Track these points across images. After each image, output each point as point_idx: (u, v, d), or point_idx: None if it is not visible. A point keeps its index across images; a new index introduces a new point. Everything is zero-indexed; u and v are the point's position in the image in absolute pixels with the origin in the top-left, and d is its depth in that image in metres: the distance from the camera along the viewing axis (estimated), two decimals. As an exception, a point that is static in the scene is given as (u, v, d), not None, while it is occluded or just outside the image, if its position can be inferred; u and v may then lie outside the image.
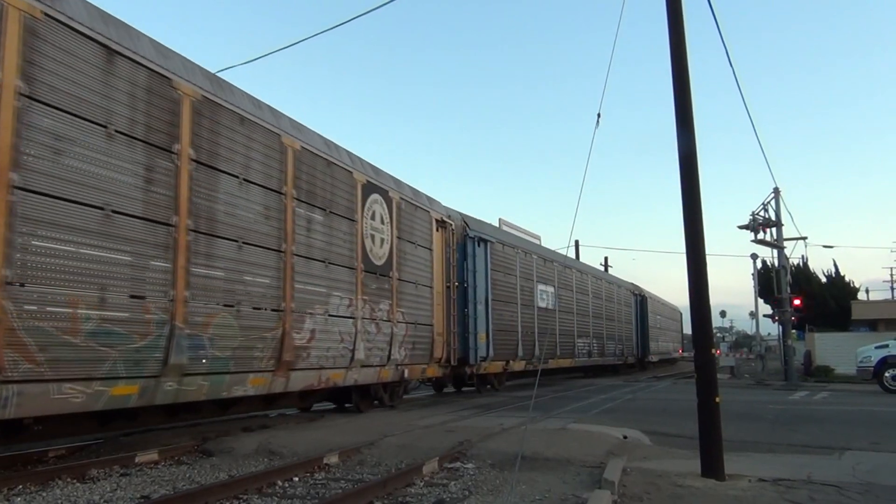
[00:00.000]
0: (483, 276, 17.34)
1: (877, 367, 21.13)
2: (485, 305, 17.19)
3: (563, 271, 24.48)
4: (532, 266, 21.31)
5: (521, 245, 20.81)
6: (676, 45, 7.64)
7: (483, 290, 17.26)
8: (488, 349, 17.19)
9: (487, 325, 17.23)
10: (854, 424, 12.34)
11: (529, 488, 6.42)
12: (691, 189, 7.42)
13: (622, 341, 32.10)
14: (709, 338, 7.42)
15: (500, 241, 18.97)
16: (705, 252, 7.41)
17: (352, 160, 12.06)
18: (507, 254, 19.35)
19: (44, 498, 6.11)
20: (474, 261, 16.94)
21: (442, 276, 15.49)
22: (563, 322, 23.78)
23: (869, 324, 33.92)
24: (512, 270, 19.57)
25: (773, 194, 26.52)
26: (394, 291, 13.01)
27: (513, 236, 20.80)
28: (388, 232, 12.97)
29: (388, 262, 12.88)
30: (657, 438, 10.05)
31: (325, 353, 10.63)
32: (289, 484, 6.78)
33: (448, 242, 15.88)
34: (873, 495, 6.16)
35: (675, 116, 7.55)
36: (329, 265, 10.88)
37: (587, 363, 26.92)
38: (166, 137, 7.74)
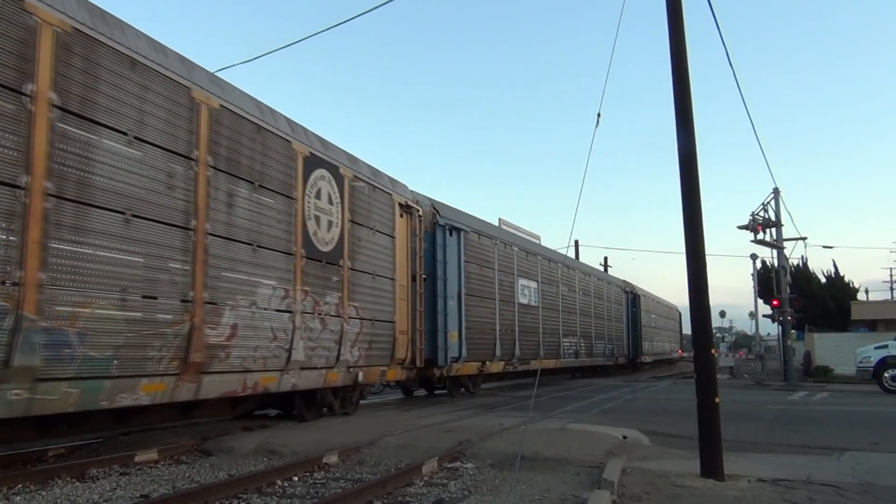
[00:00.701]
0: (455, 269, 15.99)
1: (876, 367, 21.14)
2: (457, 301, 15.91)
3: (548, 266, 23.07)
4: (512, 259, 19.96)
5: (501, 236, 19.37)
6: (676, 46, 7.64)
7: (455, 283, 15.91)
8: (461, 349, 15.86)
9: (460, 322, 15.93)
10: (853, 425, 12.34)
11: (529, 488, 6.42)
12: (691, 189, 7.42)
13: (612, 341, 30.62)
14: (708, 338, 7.42)
15: (475, 230, 17.56)
16: (705, 252, 7.42)
17: (292, 128, 10.42)
18: (483, 245, 17.98)
19: (43, 497, 6.11)
20: (445, 251, 15.47)
21: (407, 268, 13.93)
22: (547, 320, 22.36)
23: (868, 324, 33.92)
24: (489, 263, 18.26)
25: (773, 194, 26.52)
26: (345, 282, 11.36)
27: (490, 226, 19.28)
28: (337, 214, 11.30)
29: (337, 248, 11.23)
30: (657, 438, 10.05)
31: (251, 354, 9.02)
32: (288, 483, 6.79)
33: (414, 230, 14.24)
34: (873, 496, 6.17)
35: (675, 116, 7.55)
36: (258, 249, 9.25)
37: (574, 364, 25.45)
38: (15, 73, 6.23)
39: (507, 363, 18.88)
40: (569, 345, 24.44)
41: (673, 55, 7.64)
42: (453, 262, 15.88)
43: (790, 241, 27.74)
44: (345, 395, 12.10)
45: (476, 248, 17.45)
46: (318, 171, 10.91)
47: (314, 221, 10.71)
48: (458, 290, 15.97)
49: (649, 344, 37.47)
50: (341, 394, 11.96)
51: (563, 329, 23.87)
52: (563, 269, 24.63)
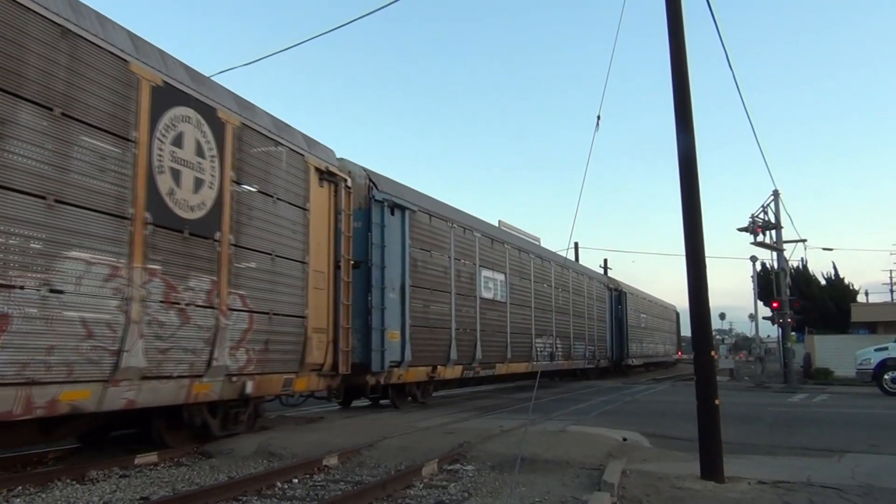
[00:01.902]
0: (398, 255, 13.40)
1: (876, 369, 21.14)
2: (399, 293, 13.36)
3: (518, 256, 20.34)
4: (474, 246, 17.13)
5: (458, 218, 16.59)
6: (676, 49, 7.66)
7: (398, 272, 13.35)
8: (403, 351, 13.26)
9: (403, 319, 13.34)
10: (853, 427, 12.34)
11: (529, 490, 6.42)
12: (691, 192, 7.43)
13: (594, 342, 27.73)
14: (708, 340, 7.44)
15: (425, 209, 14.84)
16: (705, 254, 7.43)
17: (135, 45, 7.71)
18: (436, 228, 15.25)
19: (43, 499, 6.11)
20: (383, 233, 12.90)
21: (328, 251, 11.22)
22: (517, 318, 19.62)
23: (868, 326, 33.94)
24: (443, 249, 15.47)
25: (773, 197, 26.54)
26: (223, 263, 8.66)
27: (446, 206, 16.40)
28: (213, 172, 8.60)
29: (211, 216, 8.49)
30: (656, 440, 10.05)
31: (42, 358, 6.32)
32: (288, 485, 6.79)
33: (340, 205, 11.50)
34: (873, 498, 6.17)
35: (675, 119, 7.57)
36: (55, 205, 6.52)
37: (549, 367, 22.42)
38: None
39: (467, 367, 16.29)
40: (543, 346, 21.76)
41: (673, 58, 7.66)
42: (395, 246, 13.29)
43: (790, 243, 27.78)
44: (228, 413, 9.26)
45: (426, 232, 14.75)
46: (178, 109, 8.15)
47: (170, 176, 7.95)
48: (402, 280, 13.44)
49: (638, 345, 34.79)
50: (223, 410, 9.16)
51: (535, 328, 21.07)
52: (536, 261, 21.80)
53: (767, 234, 26.51)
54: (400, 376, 13.47)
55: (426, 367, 14.50)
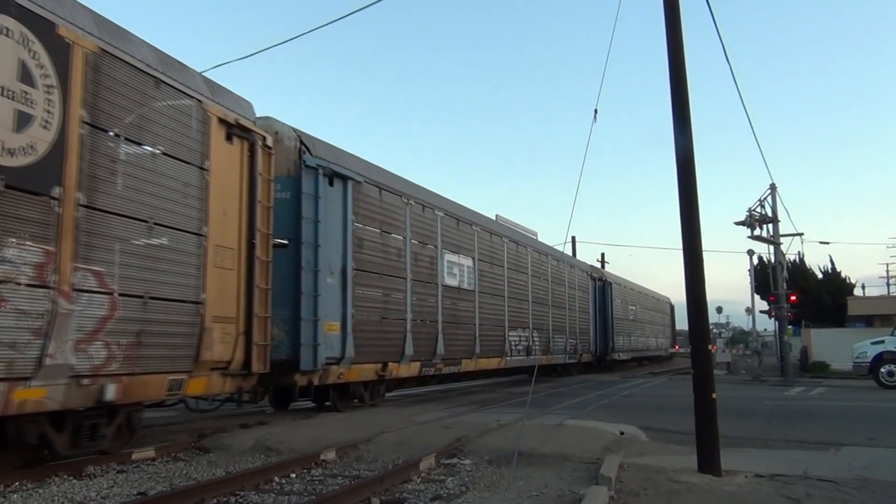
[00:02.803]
0: (338, 233, 11.56)
1: (873, 362, 21.20)
2: (340, 278, 11.51)
3: (489, 239, 18.28)
4: (435, 226, 15.11)
5: (416, 194, 14.62)
6: (674, 45, 7.64)
7: (337, 253, 11.49)
8: (344, 346, 11.40)
9: (344, 308, 11.49)
10: (850, 420, 12.38)
11: (527, 484, 6.43)
12: (688, 188, 7.43)
13: (575, 335, 25.63)
14: (705, 334, 7.45)
15: (373, 181, 12.86)
16: (702, 248, 7.44)
17: None
18: (388, 203, 13.30)
19: (41, 495, 6.10)
20: (317, 205, 10.97)
21: (239, 223, 9.18)
22: (487, 308, 17.64)
23: (865, 319, 34.04)
24: (397, 229, 13.52)
25: (770, 190, 26.59)
26: (66, 229, 6.64)
27: (400, 180, 14.36)
28: (50, 106, 6.57)
29: (45, 165, 6.47)
30: (654, 434, 10.07)
31: None
32: (286, 480, 6.79)
33: (258, 168, 9.51)
34: (869, 490, 6.19)
35: (673, 116, 7.56)
36: None
37: (525, 363, 20.36)
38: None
39: (426, 364, 14.33)
40: (518, 339, 19.74)
41: (670, 56, 7.64)
42: (334, 222, 11.43)
43: (787, 236, 27.87)
44: (81, 425, 7.14)
45: (375, 207, 12.83)
46: None
47: None
48: (343, 263, 11.56)
49: (625, 339, 32.83)
50: (73, 422, 7.07)
51: (510, 320, 19.08)
52: (510, 246, 19.77)
53: (764, 227, 26.58)
54: (340, 375, 11.53)
55: (374, 365, 12.56)
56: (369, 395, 13.07)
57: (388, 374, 13.05)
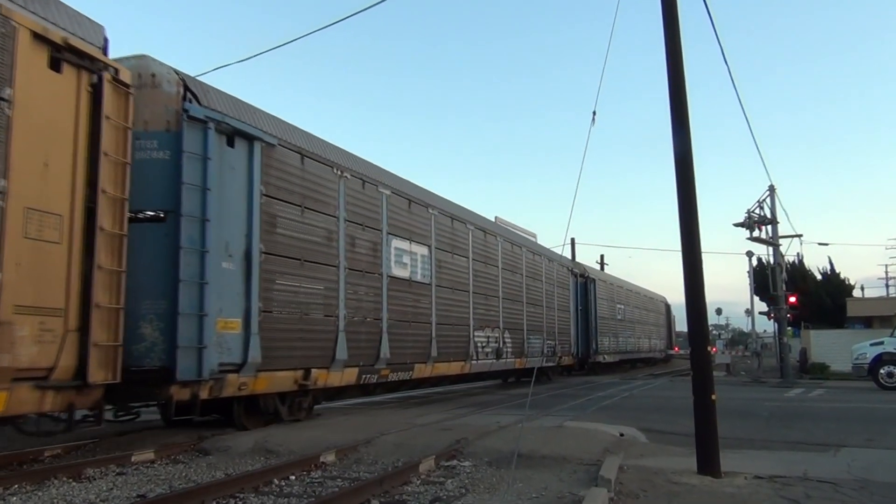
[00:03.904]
0: (240, 207, 9.30)
1: (872, 363, 21.21)
2: (242, 263, 9.25)
3: (450, 226, 15.86)
4: (379, 206, 12.77)
5: (354, 167, 12.19)
6: (672, 49, 7.66)
7: (238, 232, 9.25)
8: (247, 348, 9.12)
9: (248, 301, 9.22)
10: (849, 421, 12.38)
11: (526, 486, 6.43)
12: (687, 189, 7.45)
13: (553, 335, 23.33)
14: (705, 335, 7.46)
15: (292, 146, 10.47)
16: (701, 250, 7.45)
17: None
18: (313, 175, 10.83)
19: (40, 497, 6.10)
20: (205, 169, 8.67)
21: (73, 182, 7.10)
22: (446, 304, 15.28)
23: (864, 321, 34.07)
24: (326, 206, 11.08)
25: (769, 192, 26.60)
26: None
27: (331, 147, 11.80)
28: None
29: None
30: (653, 436, 10.07)
31: None
32: (285, 482, 6.78)
33: (106, 111, 7.43)
34: (868, 492, 6.19)
35: (671, 118, 7.58)
36: None
37: (495, 367, 18.24)
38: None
39: (366, 370, 12.01)
40: (485, 341, 17.43)
41: (668, 56, 7.65)
42: (234, 194, 9.23)
43: (786, 238, 27.90)
44: None
45: (295, 178, 10.45)
46: None
47: None
48: (247, 245, 9.35)
49: (611, 340, 30.68)
50: None
51: (475, 319, 16.80)
52: (476, 234, 17.42)
53: (763, 229, 26.59)
54: (243, 385, 9.17)
55: (293, 372, 10.18)
56: (288, 408, 10.56)
57: (313, 384, 10.58)
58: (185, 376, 8.26)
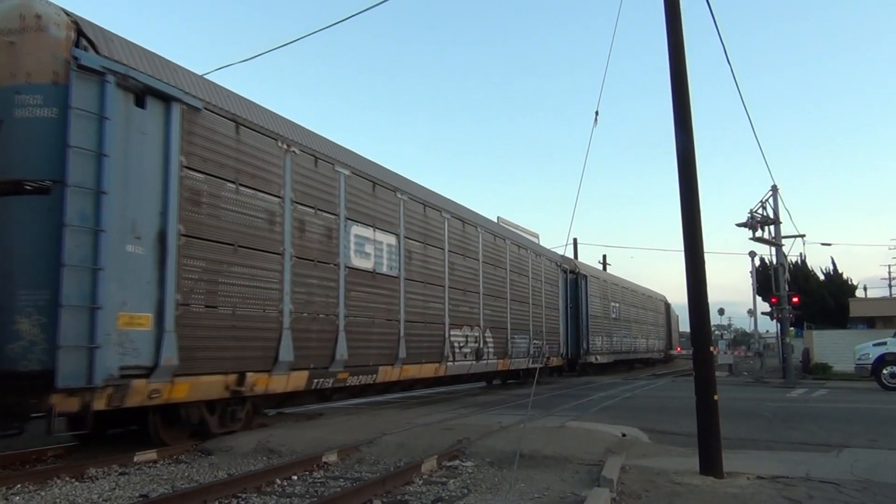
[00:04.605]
0: (153, 180, 7.82)
1: (875, 364, 21.16)
2: (155, 247, 7.74)
3: (423, 214, 14.51)
4: (336, 187, 11.25)
5: (304, 141, 10.66)
6: (674, 49, 7.65)
7: (151, 210, 7.76)
8: (159, 349, 7.66)
9: (161, 292, 7.72)
10: (852, 422, 12.36)
11: (528, 486, 6.43)
12: (689, 189, 7.44)
13: (541, 335, 22.00)
14: (707, 336, 7.45)
15: (224, 112, 8.98)
16: (703, 250, 7.44)
17: None
18: (249, 146, 9.32)
19: (42, 497, 6.11)
20: (102, 131, 7.24)
21: None
22: (418, 300, 13.89)
23: (867, 321, 34.01)
24: (267, 183, 9.62)
25: (771, 192, 26.55)
26: None
27: (279, 119, 10.32)
28: None
29: None
30: (655, 436, 10.06)
31: None
32: (288, 482, 6.79)
33: None
34: (871, 492, 6.18)
35: (674, 119, 7.57)
36: None
37: (475, 369, 16.87)
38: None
39: (318, 374, 10.53)
40: (463, 340, 16.01)
41: (671, 58, 7.65)
42: (145, 163, 7.73)
43: (788, 238, 27.84)
44: None
45: (227, 150, 8.96)
46: None
47: None
48: (161, 225, 7.86)
49: (605, 339, 29.26)
50: None
51: (452, 316, 15.40)
52: (453, 223, 15.99)
53: (766, 229, 26.53)
54: (154, 393, 7.69)
55: (222, 376, 8.65)
56: (218, 419, 9.13)
57: (250, 389, 9.14)
58: (70, 382, 6.79)
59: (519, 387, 20.05)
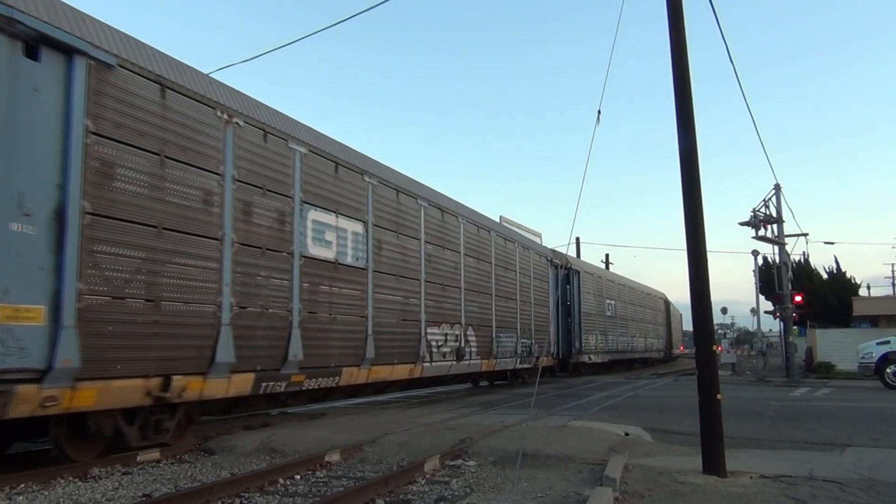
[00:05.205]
0: (48, 147, 6.60)
1: (878, 363, 21.11)
2: (50, 226, 6.51)
3: (397, 200, 13.26)
4: (290, 166, 10.02)
5: (250, 112, 9.37)
6: (677, 47, 7.64)
7: (45, 181, 6.54)
8: (54, 348, 6.42)
9: (58, 280, 6.51)
10: (855, 421, 12.33)
11: (531, 485, 6.43)
12: (692, 188, 7.43)
13: (529, 333, 20.74)
14: (710, 335, 7.44)
15: (147, 72, 7.67)
16: (706, 249, 7.43)
17: None
18: (178, 114, 8.04)
19: (46, 496, 6.12)
20: None
21: None
22: (388, 294, 12.65)
23: (870, 320, 33.98)
24: (204, 160, 8.39)
25: (774, 191, 26.53)
26: None
27: (218, 85, 9.00)
28: None
29: None
30: (658, 435, 10.05)
31: None
32: (290, 482, 6.79)
33: None
34: (875, 492, 6.17)
35: (676, 117, 7.56)
36: None
37: (456, 370, 15.61)
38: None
39: (267, 377, 9.29)
40: (441, 339, 14.80)
41: (674, 57, 7.63)
42: (38, 126, 6.52)
43: (791, 237, 27.81)
44: None
45: (148, 115, 7.65)
46: None
47: None
48: (59, 200, 6.63)
49: (599, 338, 27.97)
50: None
51: (428, 313, 14.23)
52: (431, 212, 14.75)
53: (769, 228, 26.52)
54: (49, 401, 6.47)
55: (142, 380, 7.38)
56: (139, 430, 7.84)
57: (178, 395, 7.83)
58: None
59: (521, 386, 20.01)
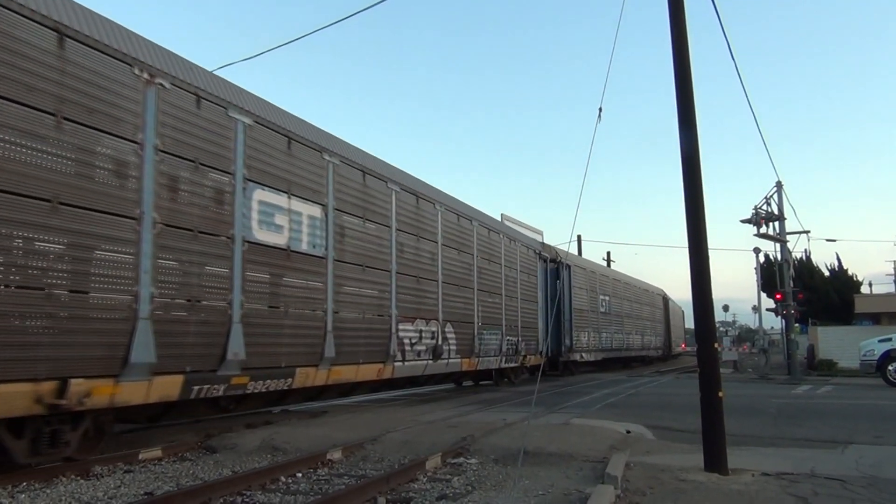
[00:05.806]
0: None
1: (880, 360, 21.10)
2: None
3: (363, 181, 11.96)
4: (230, 139, 8.83)
5: (178, 73, 8.11)
6: (678, 45, 7.62)
7: None
8: None
9: None
10: (857, 418, 12.32)
11: (533, 483, 6.42)
12: (694, 185, 7.42)
13: (516, 330, 19.50)
14: (712, 332, 7.43)
15: (39, 16, 6.42)
16: (708, 247, 7.42)
17: None
18: (82, 66, 6.83)
19: (48, 495, 6.13)
20: None
21: None
22: (353, 286, 11.40)
23: (872, 317, 33.94)
24: (116, 125, 7.20)
25: (776, 188, 26.50)
26: None
27: (136, 39, 7.64)
28: None
29: None
30: (660, 433, 10.04)
31: None
32: (292, 480, 6.80)
33: None
34: (877, 489, 6.16)
35: (678, 116, 7.54)
36: None
37: (432, 370, 14.42)
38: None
39: (202, 378, 8.16)
40: (415, 336, 13.55)
41: (675, 53, 7.62)
42: None
43: (793, 234, 27.78)
44: None
45: (39, 66, 6.46)
46: None
47: None
48: None
49: (592, 335, 26.77)
50: None
51: (400, 307, 12.92)
52: (402, 196, 13.39)
53: (770, 225, 26.49)
54: None
55: (31, 384, 6.22)
56: (30, 443, 6.63)
57: (78, 402, 6.63)
58: None
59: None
